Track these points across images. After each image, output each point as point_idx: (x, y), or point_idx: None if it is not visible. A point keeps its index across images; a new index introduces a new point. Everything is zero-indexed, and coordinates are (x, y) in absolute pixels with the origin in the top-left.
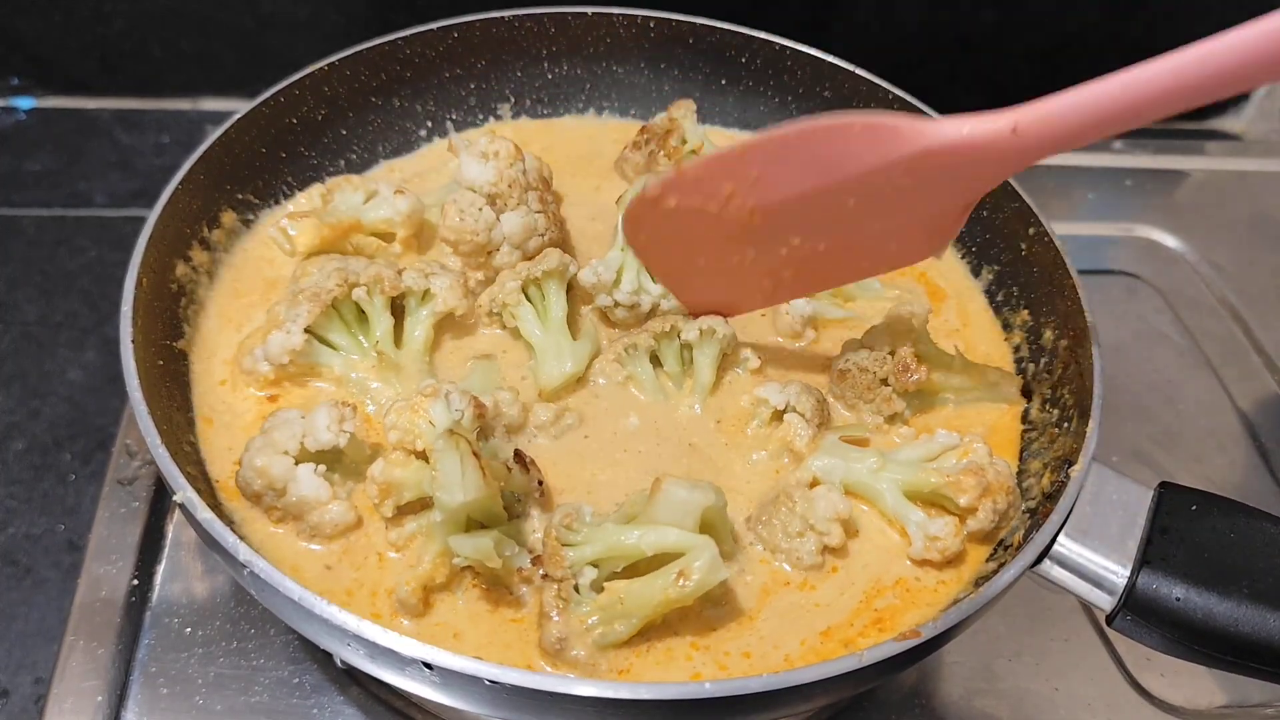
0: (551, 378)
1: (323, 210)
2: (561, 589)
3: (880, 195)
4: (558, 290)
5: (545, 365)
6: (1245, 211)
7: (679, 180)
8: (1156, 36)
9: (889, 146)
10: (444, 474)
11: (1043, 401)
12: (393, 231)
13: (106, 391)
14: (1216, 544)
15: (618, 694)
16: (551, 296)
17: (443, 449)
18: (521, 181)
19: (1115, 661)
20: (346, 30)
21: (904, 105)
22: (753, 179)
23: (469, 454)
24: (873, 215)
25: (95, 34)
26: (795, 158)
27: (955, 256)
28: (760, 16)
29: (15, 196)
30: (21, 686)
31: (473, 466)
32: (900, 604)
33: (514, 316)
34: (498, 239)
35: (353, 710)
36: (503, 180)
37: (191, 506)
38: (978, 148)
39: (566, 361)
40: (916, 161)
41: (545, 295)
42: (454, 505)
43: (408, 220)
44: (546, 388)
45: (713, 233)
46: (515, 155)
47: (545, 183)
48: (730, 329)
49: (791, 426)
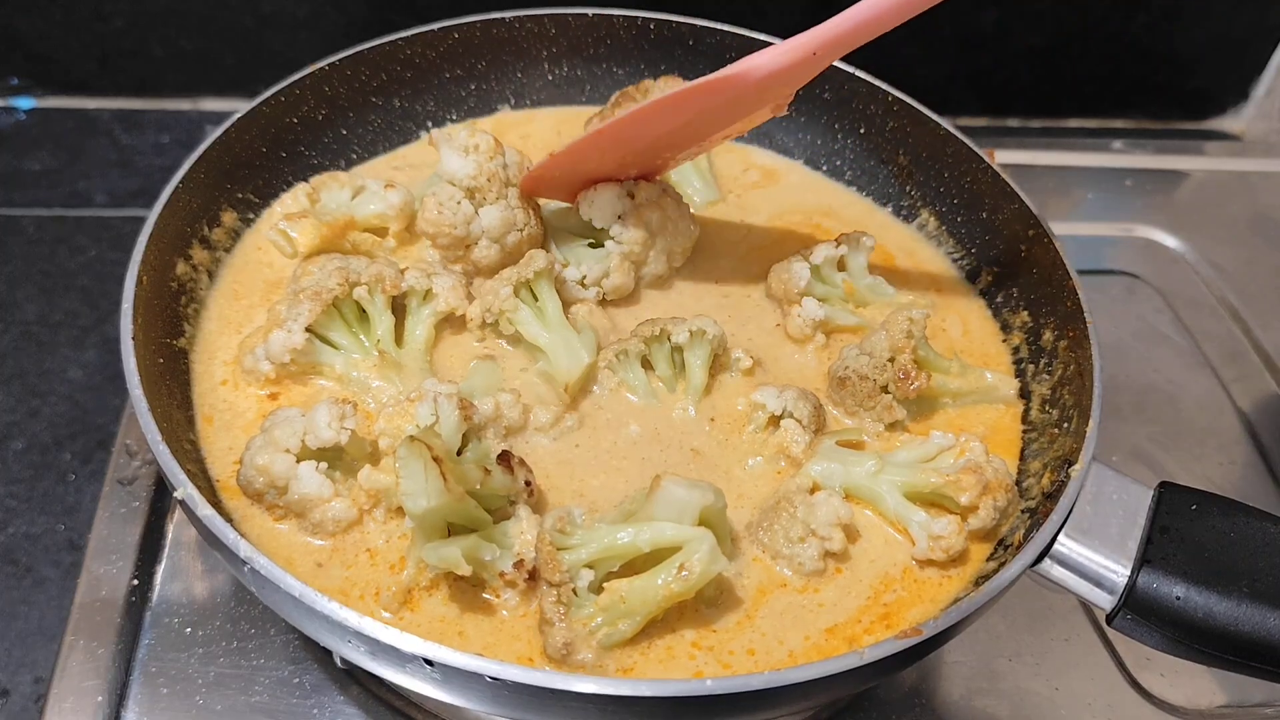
0: (571, 370)
1: (314, 209)
2: (561, 594)
3: (732, 111)
4: (549, 289)
5: (560, 361)
6: (1245, 211)
7: (552, 164)
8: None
9: (734, 91)
10: (405, 482)
11: (1042, 402)
12: (385, 226)
13: (106, 390)
14: (1216, 544)
15: (619, 691)
16: (545, 296)
17: (404, 457)
18: (501, 176)
19: (1115, 661)
20: (346, 30)
21: (903, 106)
22: (623, 142)
23: (430, 460)
24: (728, 120)
25: (95, 34)
26: (658, 120)
27: (954, 258)
28: (760, 17)
29: (15, 196)
30: (21, 686)
31: (435, 473)
32: (908, 596)
33: (513, 322)
34: (476, 232)
35: (353, 710)
36: (482, 174)
37: (192, 503)
38: (794, 68)
39: (580, 352)
40: (754, 90)
41: (539, 296)
42: (418, 512)
43: (400, 213)
44: (570, 380)
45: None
46: (495, 149)
47: None
48: (720, 330)
49: (788, 432)
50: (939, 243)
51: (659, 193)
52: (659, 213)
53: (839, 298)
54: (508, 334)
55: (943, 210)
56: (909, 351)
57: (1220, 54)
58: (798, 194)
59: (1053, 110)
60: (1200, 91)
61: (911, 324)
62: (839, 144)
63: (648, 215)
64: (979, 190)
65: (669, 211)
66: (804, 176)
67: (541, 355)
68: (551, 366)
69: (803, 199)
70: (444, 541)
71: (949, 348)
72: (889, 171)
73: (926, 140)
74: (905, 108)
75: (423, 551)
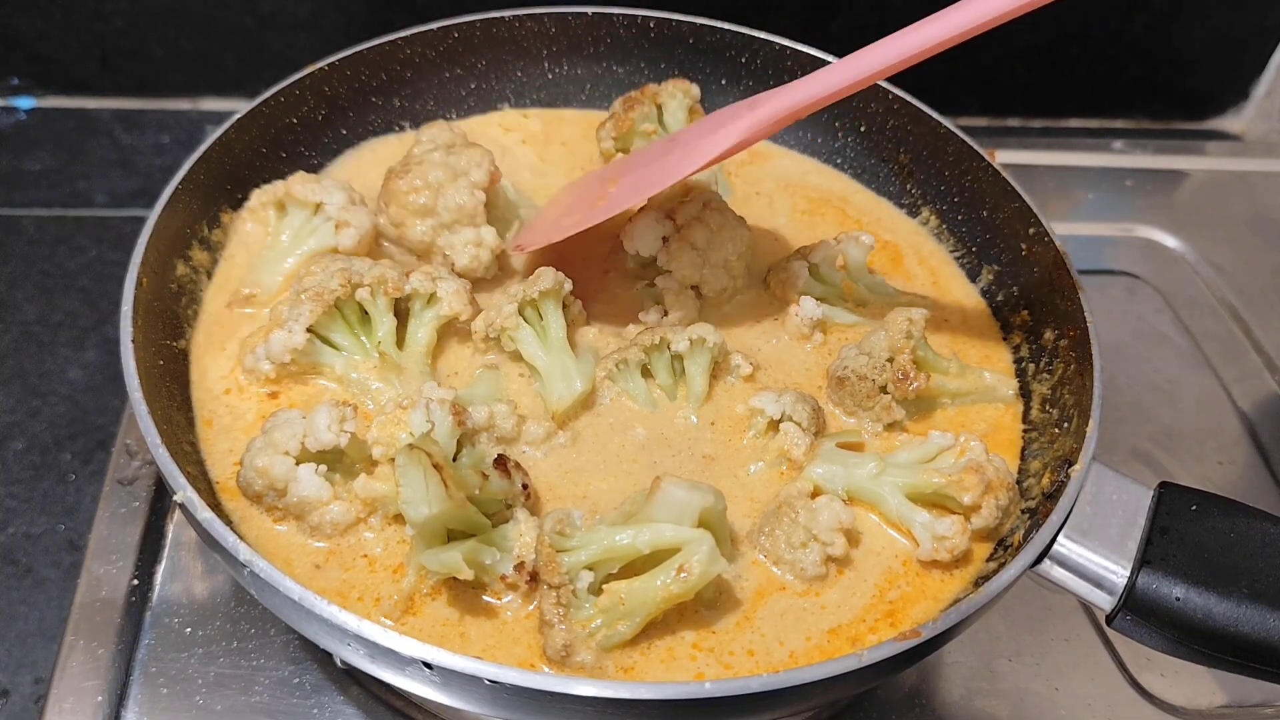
0: (562, 399)
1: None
2: (560, 595)
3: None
4: (555, 309)
5: (554, 387)
6: (1245, 211)
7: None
8: (1157, 36)
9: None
10: (406, 490)
11: (1043, 402)
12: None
13: (106, 391)
14: (1216, 544)
15: (618, 693)
16: (550, 316)
17: (403, 464)
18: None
19: (1115, 661)
20: (346, 30)
21: (904, 104)
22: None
23: (430, 467)
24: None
25: (95, 34)
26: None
27: (955, 257)
28: (760, 16)
29: (15, 196)
30: (21, 686)
31: (435, 480)
32: (912, 591)
33: (513, 340)
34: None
35: (353, 710)
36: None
37: (191, 506)
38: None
39: (575, 380)
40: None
41: (543, 315)
42: (420, 520)
43: (359, 243)
44: (558, 410)
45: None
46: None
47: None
48: (720, 337)
49: (788, 435)
50: (939, 239)
51: (700, 207)
52: (704, 229)
53: (838, 296)
54: (508, 350)
55: (943, 209)
56: (908, 352)
57: (1220, 54)
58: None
59: (1053, 110)
60: (1200, 91)
61: (910, 324)
62: (839, 141)
63: (693, 235)
64: (980, 189)
65: (713, 223)
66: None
67: (538, 376)
68: (544, 391)
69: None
70: (444, 547)
71: (949, 347)
72: (890, 170)
73: (927, 138)
74: (906, 106)
75: (423, 557)
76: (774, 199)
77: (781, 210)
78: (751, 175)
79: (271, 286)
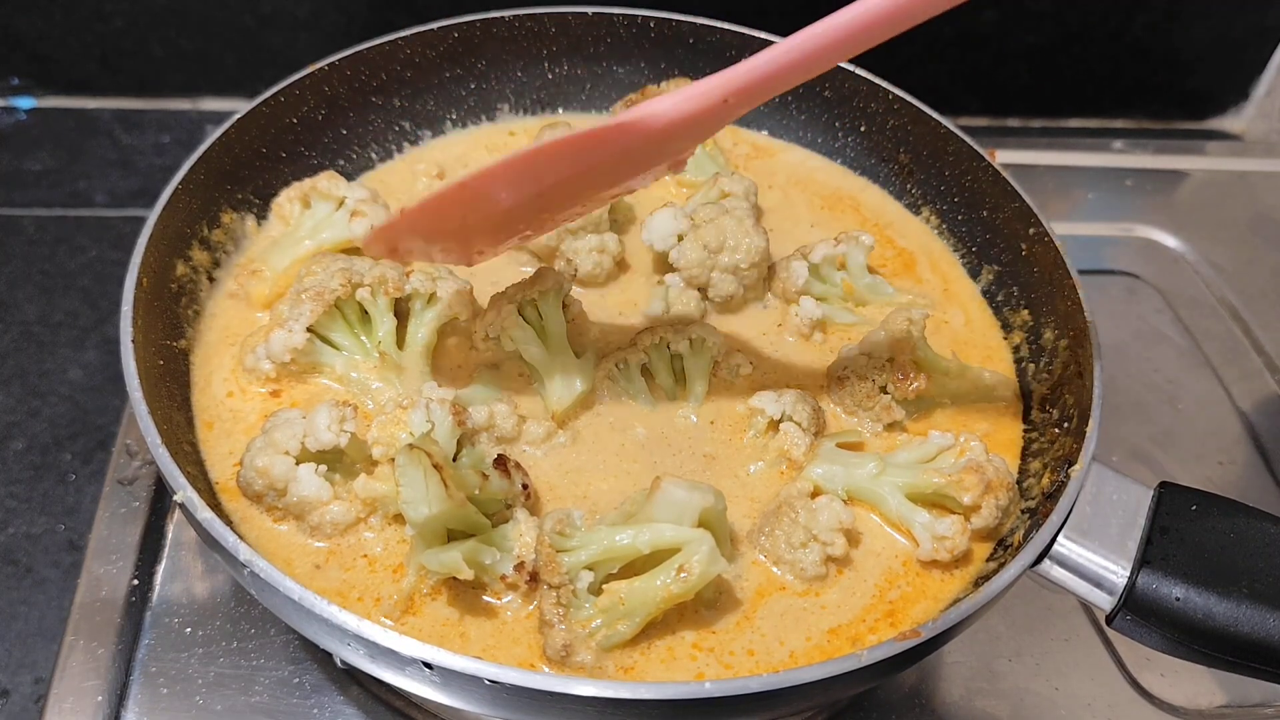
0: (562, 399)
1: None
2: (560, 595)
3: (626, 166)
4: (554, 308)
5: (553, 387)
6: (1245, 211)
7: (405, 221)
8: (1157, 36)
9: (630, 140)
10: (406, 490)
11: (1043, 402)
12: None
13: (107, 391)
14: (1216, 544)
15: (617, 694)
16: (549, 315)
17: (404, 465)
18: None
19: (1115, 661)
20: (346, 30)
21: (904, 105)
22: (492, 197)
23: (430, 468)
24: (619, 177)
25: (95, 34)
26: (536, 172)
27: (955, 257)
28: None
29: (15, 196)
30: (21, 686)
31: (435, 480)
32: (912, 591)
33: (513, 340)
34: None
35: (353, 710)
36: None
37: (191, 506)
38: (701, 117)
39: (575, 380)
40: (651, 142)
41: (543, 315)
42: (420, 520)
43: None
44: (558, 409)
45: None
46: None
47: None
48: (720, 337)
49: (788, 435)
50: (940, 238)
51: (719, 211)
52: (716, 231)
53: (838, 296)
54: (508, 350)
55: (944, 208)
56: (908, 352)
57: (1220, 54)
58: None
59: (1053, 110)
60: (1200, 91)
61: (910, 324)
62: (840, 141)
63: (705, 235)
64: (980, 189)
65: (727, 228)
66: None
67: (538, 376)
68: (544, 392)
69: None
70: (444, 547)
71: (949, 347)
72: (890, 169)
73: (927, 138)
74: (906, 106)
75: (423, 557)
76: (788, 193)
77: (799, 204)
78: (762, 169)
79: (278, 266)
